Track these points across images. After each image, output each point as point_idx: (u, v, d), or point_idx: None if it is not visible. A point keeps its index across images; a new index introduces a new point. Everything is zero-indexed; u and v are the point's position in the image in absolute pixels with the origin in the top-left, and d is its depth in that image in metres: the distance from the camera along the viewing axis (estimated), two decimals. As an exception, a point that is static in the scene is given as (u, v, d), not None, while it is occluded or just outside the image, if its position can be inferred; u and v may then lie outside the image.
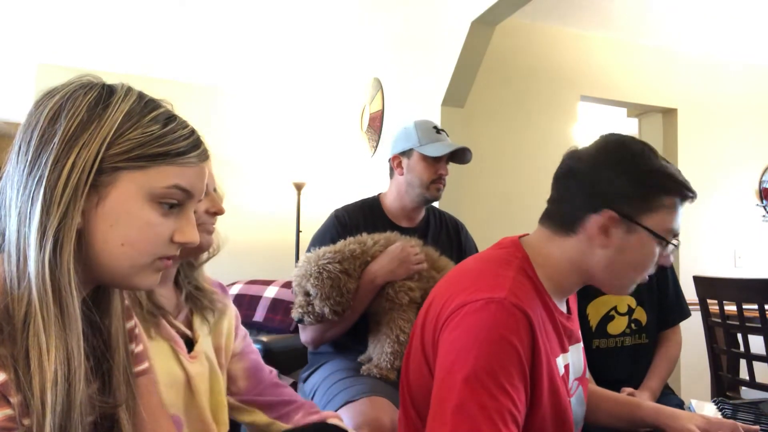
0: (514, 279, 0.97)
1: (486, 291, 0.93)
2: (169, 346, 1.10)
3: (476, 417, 0.83)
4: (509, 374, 0.87)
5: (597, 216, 0.99)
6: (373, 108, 3.68)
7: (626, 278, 1.03)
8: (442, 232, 1.95)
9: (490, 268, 1.01)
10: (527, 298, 0.95)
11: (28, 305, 0.63)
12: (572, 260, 1.03)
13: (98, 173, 0.66)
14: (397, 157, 1.87)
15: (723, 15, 3.34)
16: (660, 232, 0.99)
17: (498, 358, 0.87)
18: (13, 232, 0.65)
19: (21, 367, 0.62)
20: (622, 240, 0.99)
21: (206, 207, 1.12)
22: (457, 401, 0.84)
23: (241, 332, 1.30)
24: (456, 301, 0.94)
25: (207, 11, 3.33)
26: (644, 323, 1.73)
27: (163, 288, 1.15)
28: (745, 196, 3.98)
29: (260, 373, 1.29)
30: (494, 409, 0.83)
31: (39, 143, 0.66)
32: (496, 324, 0.89)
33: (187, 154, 0.72)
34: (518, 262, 1.02)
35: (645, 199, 0.99)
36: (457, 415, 0.83)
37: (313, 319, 1.57)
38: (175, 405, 1.08)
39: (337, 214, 1.86)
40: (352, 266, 1.58)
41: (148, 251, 0.70)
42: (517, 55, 3.37)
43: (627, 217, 0.99)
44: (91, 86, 0.70)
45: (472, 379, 0.85)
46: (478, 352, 0.87)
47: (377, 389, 1.47)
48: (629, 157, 1.02)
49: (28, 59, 4.03)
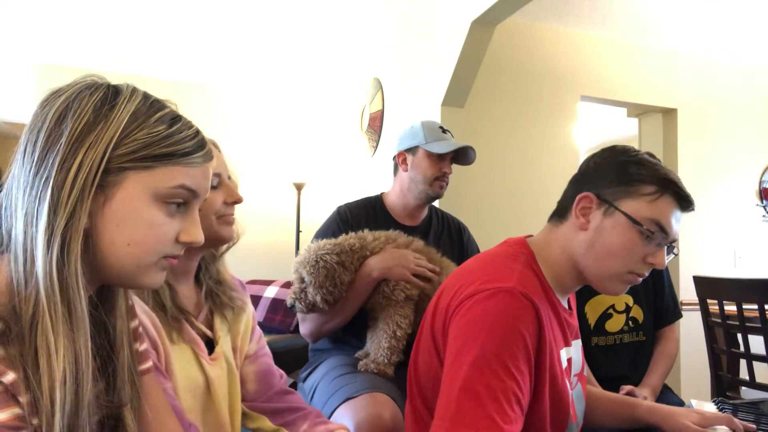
0: (522, 272, 1.01)
1: (495, 281, 0.96)
2: (191, 350, 1.08)
3: (482, 396, 0.86)
4: (516, 359, 0.90)
5: (578, 198, 1.05)
6: (373, 108, 3.68)
7: (607, 267, 1.04)
8: (444, 233, 1.96)
9: (499, 262, 1.05)
10: (534, 290, 0.98)
11: (36, 305, 0.64)
12: (563, 248, 1.07)
13: (105, 173, 0.67)
14: (402, 154, 1.89)
15: (723, 15, 3.34)
16: (637, 218, 1.00)
17: (506, 343, 0.90)
18: (20, 233, 0.65)
19: (30, 367, 0.62)
20: (599, 222, 1.03)
21: (224, 198, 1.11)
22: (464, 381, 0.87)
23: (256, 333, 1.27)
24: (466, 291, 0.97)
25: (207, 11, 3.33)
26: (641, 321, 1.76)
27: (184, 286, 1.13)
28: (745, 196, 3.98)
29: (271, 378, 1.26)
30: (500, 389, 0.87)
31: (45, 144, 0.66)
32: (505, 311, 0.92)
33: (193, 154, 0.72)
34: (524, 258, 1.05)
35: (623, 183, 1.02)
36: (464, 394, 0.86)
37: (304, 306, 1.59)
38: (193, 410, 1.05)
39: (340, 210, 1.88)
40: (350, 259, 1.60)
41: (153, 251, 0.71)
42: (517, 55, 3.37)
43: (604, 200, 1.03)
44: (97, 86, 0.70)
45: (479, 362, 0.88)
46: (487, 337, 0.90)
47: (377, 385, 1.47)
48: (620, 150, 1.08)
49: (29, 60, 4.03)
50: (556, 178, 3.42)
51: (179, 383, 1.03)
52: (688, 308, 3.33)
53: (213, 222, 1.10)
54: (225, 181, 1.12)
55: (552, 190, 3.87)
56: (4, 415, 0.60)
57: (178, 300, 1.08)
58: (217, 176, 1.11)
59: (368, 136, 3.74)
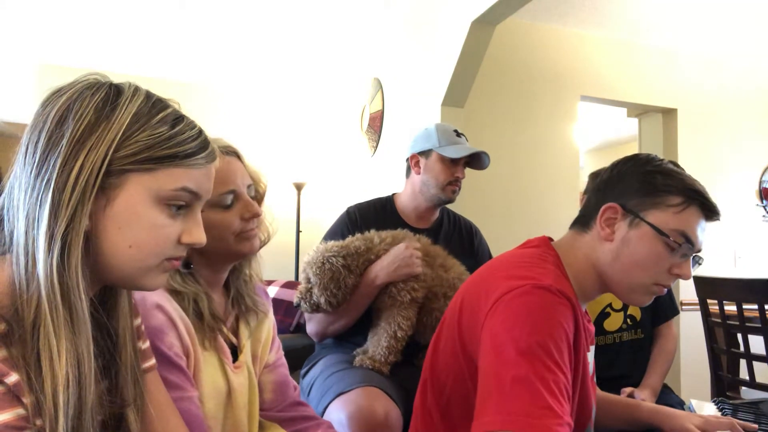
0: (554, 272, 1.00)
1: (531, 278, 0.94)
2: (218, 357, 1.07)
3: (538, 387, 0.83)
4: (561, 352, 0.88)
5: (603, 208, 1.04)
6: (373, 108, 3.68)
7: (633, 279, 1.03)
8: (455, 235, 1.95)
9: (529, 261, 1.03)
10: (567, 289, 0.97)
11: (38, 308, 0.63)
12: (588, 257, 1.06)
13: (106, 176, 0.66)
14: (415, 156, 1.88)
15: (723, 15, 3.34)
16: (664, 229, 1.00)
17: (551, 336, 0.88)
18: (21, 235, 0.65)
19: (33, 370, 0.62)
20: (625, 234, 1.02)
21: (240, 214, 1.06)
22: (516, 373, 0.84)
23: (276, 343, 1.26)
24: (501, 288, 0.94)
25: (207, 11, 3.33)
26: (639, 318, 1.77)
27: (215, 293, 1.12)
28: (745, 196, 3.98)
29: (287, 389, 1.25)
30: (553, 381, 0.84)
31: (47, 145, 0.65)
32: (546, 306, 0.90)
33: (196, 156, 0.71)
34: (553, 259, 1.05)
35: (649, 194, 1.02)
36: (518, 385, 0.83)
37: (309, 306, 1.60)
38: (214, 417, 1.05)
39: (349, 211, 1.88)
40: (355, 263, 1.61)
41: (155, 253, 0.70)
42: (517, 55, 3.37)
43: (630, 211, 1.02)
44: (99, 86, 0.69)
45: (528, 353, 0.85)
46: (532, 329, 0.87)
47: (370, 380, 1.46)
48: (644, 159, 1.06)
49: (29, 59, 4.03)
50: (556, 178, 3.43)
51: (204, 390, 1.02)
52: (688, 308, 3.34)
53: (231, 242, 1.06)
54: (242, 195, 1.07)
55: (552, 190, 3.87)
56: (8, 416, 0.60)
57: (214, 308, 1.07)
58: (232, 193, 1.05)
59: (368, 136, 3.74)
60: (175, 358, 0.97)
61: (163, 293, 1.00)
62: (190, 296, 1.03)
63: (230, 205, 1.05)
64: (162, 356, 0.94)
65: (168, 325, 0.98)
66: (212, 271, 1.10)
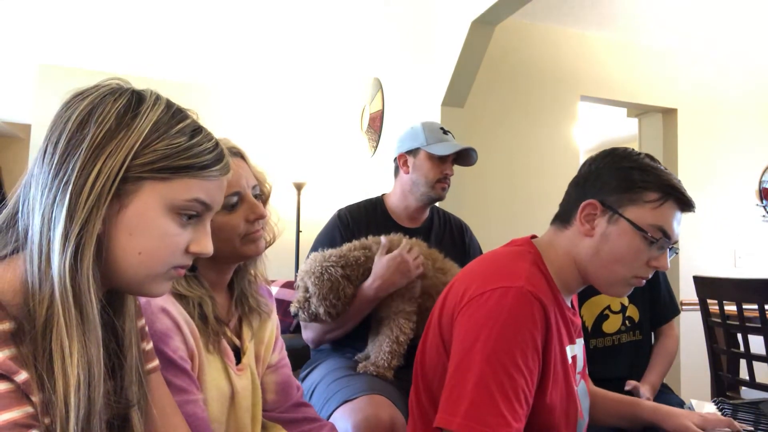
0: (529, 270, 1.03)
1: (504, 280, 0.98)
2: (221, 360, 1.07)
3: (494, 393, 0.90)
4: (525, 355, 0.93)
5: (583, 205, 1.06)
6: (373, 108, 3.68)
7: (613, 273, 1.06)
8: (446, 233, 1.96)
9: (507, 261, 1.07)
10: (541, 288, 1.01)
11: (50, 308, 0.64)
12: (568, 252, 1.09)
13: (122, 182, 0.67)
14: (403, 156, 1.88)
15: (723, 15, 3.34)
16: (642, 225, 1.02)
17: (516, 341, 0.93)
18: (36, 233, 0.65)
19: (44, 369, 0.63)
20: (604, 229, 1.05)
21: (245, 216, 1.06)
22: (477, 378, 0.91)
23: (279, 343, 1.26)
24: (475, 289, 1.00)
25: (206, 11, 3.33)
26: (637, 320, 1.77)
27: (219, 295, 1.12)
28: (745, 196, 3.98)
29: (290, 390, 1.24)
30: (511, 387, 0.91)
31: (66, 147, 0.66)
32: (514, 309, 0.95)
33: (211, 168, 0.72)
34: (531, 257, 1.07)
35: (627, 190, 1.04)
36: (477, 390, 0.90)
37: (307, 316, 1.59)
38: (217, 420, 1.05)
39: (340, 214, 1.87)
40: (355, 273, 1.59)
41: (163, 261, 0.71)
42: (517, 55, 3.37)
43: (608, 207, 1.04)
44: (121, 92, 0.70)
45: (492, 359, 0.92)
46: (498, 334, 0.93)
47: (375, 387, 1.46)
48: (621, 155, 1.09)
49: (29, 59, 4.03)
50: (556, 178, 3.43)
51: (208, 393, 1.03)
52: (688, 308, 3.34)
53: (236, 244, 1.06)
54: (247, 197, 1.07)
55: (552, 190, 3.88)
56: (17, 413, 0.60)
57: (217, 311, 1.08)
58: (236, 195, 1.05)
59: (368, 136, 3.74)
60: (181, 362, 0.97)
61: (168, 297, 1.00)
62: (195, 300, 1.04)
63: (235, 206, 1.06)
64: (167, 360, 0.95)
65: (173, 329, 0.98)
66: (217, 273, 1.11)
